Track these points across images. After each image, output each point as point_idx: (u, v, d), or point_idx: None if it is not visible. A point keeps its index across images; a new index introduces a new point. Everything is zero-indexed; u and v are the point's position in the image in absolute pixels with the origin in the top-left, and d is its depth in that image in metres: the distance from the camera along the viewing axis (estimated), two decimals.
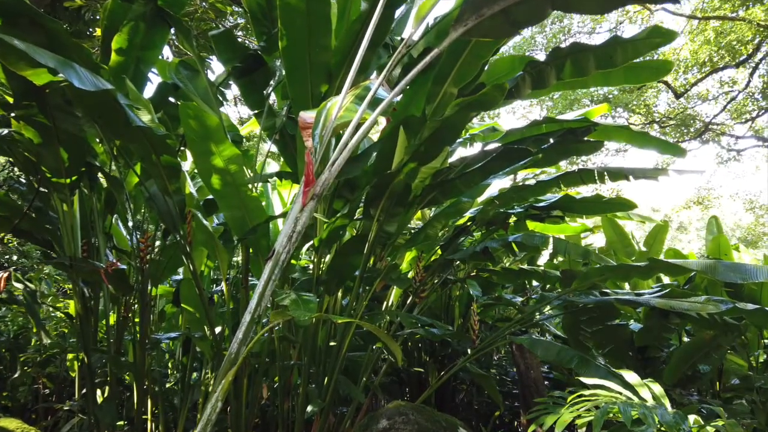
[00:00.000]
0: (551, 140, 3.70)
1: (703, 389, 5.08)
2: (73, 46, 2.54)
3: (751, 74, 15.39)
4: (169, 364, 5.73)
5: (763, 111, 17.49)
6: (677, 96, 16.14)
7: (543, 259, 6.62)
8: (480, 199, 4.82)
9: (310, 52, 3.29)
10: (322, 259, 3.77)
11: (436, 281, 4.95)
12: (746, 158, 20.86)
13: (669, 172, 4.15)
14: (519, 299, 5.90)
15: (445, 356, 5.90)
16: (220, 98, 4.05)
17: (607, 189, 17.25)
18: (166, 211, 3.22)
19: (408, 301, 4.61)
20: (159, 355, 5.05)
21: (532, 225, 5.44)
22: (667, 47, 17.45)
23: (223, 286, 3.61)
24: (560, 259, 6.52)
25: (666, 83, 16.08)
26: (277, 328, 3.94)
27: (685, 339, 4.92)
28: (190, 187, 3.18)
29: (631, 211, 4.61)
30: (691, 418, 2.48)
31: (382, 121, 3.93)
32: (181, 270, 4.94)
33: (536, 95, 4.24)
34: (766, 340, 5.24)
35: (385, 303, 4.75)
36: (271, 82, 3.88)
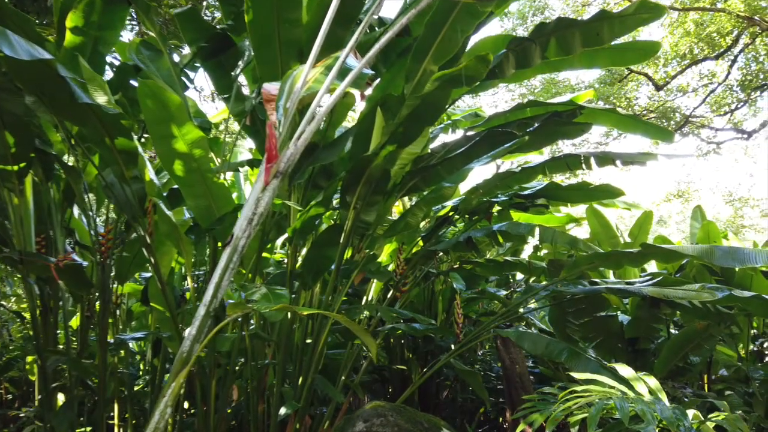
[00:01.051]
0: (536, 124, 3.52)
1: (692, 381, 4.96)
2: (11, 13, 2.28)
3: (730, 66, 15.43)
4: (141, 366, 5.47)
5: (741, 103, 17.59)
6: (658, 88, 16.14)
7: (527, 254, 6.47)
8: (463, 188, 4.64)
9: (280, 28, 3.06)
10: (298, 252, 3.55)
11: (418, 274, 4.75)
12: (725, 151, 21.00)
13: (658, 157, 4.00)
14: (503, 293, 5.74)
15: (429, 352, 5.71)
16: (186, 81, 3.80)
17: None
18: (125, 201, 2.97)
19: (389, 295, 4.40)
20: (127, 356, 4.79)
21: (516, 215, 5.27)
22: (649, 37, 17.43)
23: (189, 281, 3.37)
24: (545, 251, 6.37)
25: (647, 75, 16.07)
26: (252, 326, 3.72)
27: (673, 330, 4.79)
28: (151, 174, 2.93)
29: (617, 199, 4.46)
30: (690, 413, 2.31)
31: (361, 106, 3.72)
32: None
33: (520, 77, 4.05)
34: (755, 330, 5.13)
35: (365, 297, 4.54)
36: (240, 63, 3.64)
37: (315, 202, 3.26)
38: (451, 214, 4.54)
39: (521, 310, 5.37)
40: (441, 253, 5.07)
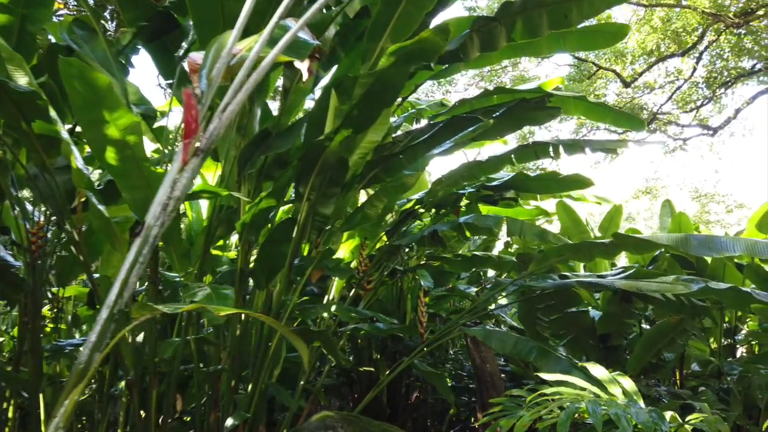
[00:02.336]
0: (502, 109, 3.32)
1: (666, 378, 4.84)
2: None
3: (696, 63, 15.59)
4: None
5: (706, 100, 17.82)
6: (626, 85, 16.25)
7: (499, 250, 6.30)
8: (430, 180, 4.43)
9: (223, 2, 2.79)
10: (251, 249, 3.28)
11: (385, 272, 4.52)
12: (691, 147, 21.30)
13: (628, 143, 3.85)
14: (474, 290, 5.56)
15: (397, 352, 5.50)
16: (124, 63, 3.50)
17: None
18: (48, 194, 2.67)
19: (351, 294, 4.17)
20: (72, 363, 4.46)
21: (485, 209, 5.08)
22: None
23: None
24: (516, 247, 6.21)
25: (615, 72, 16.15)
26: (207, 330, 3.44)
27: (645, 326, 4.67)
28: (79, 163, 2.64)
29: (588, 189, 4.30)
30: (668, 414, 2.13)
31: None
32: (96, 265, 4.35)
33: (486, 61, 3.86)
34: (726, 324, 5.04)
35: (326, 296, 4.30)
36: (184, 45, 3.36)
37: (265, 194, 3.00)
38: (416, 207, 4.33)
39: (492, 306, 5.20)
40: (407, 249, 4.87)
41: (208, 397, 3.09)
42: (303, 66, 2.63)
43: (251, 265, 3.32)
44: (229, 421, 2.76)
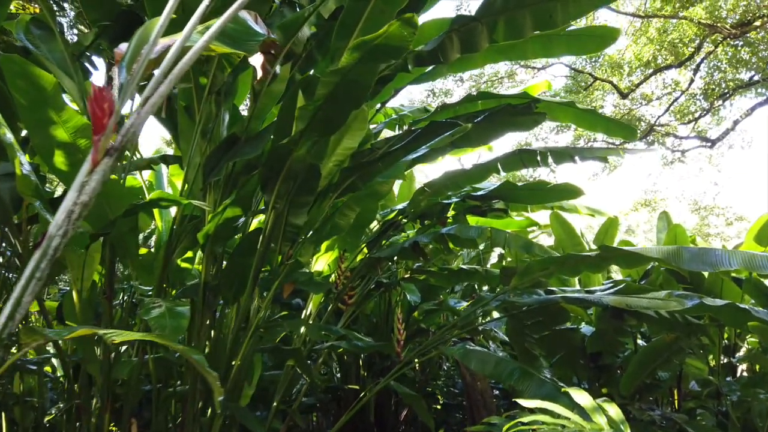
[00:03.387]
0: (484, 114, 3.13)
1: (663, 398, 4.62)
2: None
3: (694, 73, 15.46)
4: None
5: (705, 112, 17.69)
6: (623, 96, 16.11)
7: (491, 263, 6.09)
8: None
9: None
10: (215, 261, 3.08)
11: (369, 286, 4.32)
12: (690, 160, 21.11)
13: (621, 152, 3.65)
14: (464, 304, 5.35)
15: (385, 369, 5.28)
16: (88, 66, 3.33)
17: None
18: None
19: (329, 309, 3.96)
20: (41, 382, 4.23)
21: (473, 221, 4.89)
22: (612, 48, 17.45)
23: (75, 297, 2.87)
24: (509, 259, 6.00)
25: (611, 83, 16.02)
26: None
27: (641, 343, 4.45)
28: (24, 168, 2.44)
29: (579, 199, 4.10)
30: None
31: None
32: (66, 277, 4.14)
33: (468, 64, 3.69)
34: (725, 341, 4.82)
35: (304, 311, 4.08)
36: None
37: (229, 202, 2.80)
38: (400, 218, 4.13)
39: (481, 322, 4.97)
40: (392, 262, 4.66)
41: (168, 420, 2.87)
42: (256, 61, 2.45)
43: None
44: None
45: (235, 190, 3.16)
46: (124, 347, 3.01)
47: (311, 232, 2.88)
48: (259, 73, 2.43)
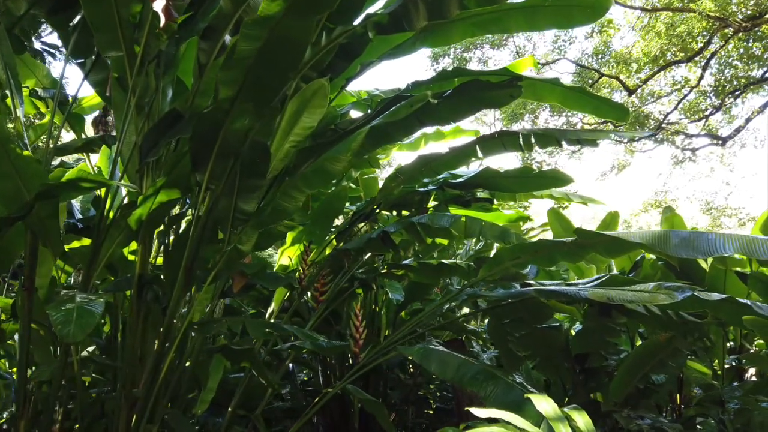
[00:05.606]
0: (451, 89, 2.81)
1: (661, 404, 4.25)
2: None
3: (704, 70, 15.00)
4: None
5: (715, 110, 17.19)
6: (630, 93, 15.66)
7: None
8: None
9: None
10: (151, 250, 2.78)
11: (346, 284, 3.99)
12: (701, 159, 20.58)
13: (610, 135, 3.32)
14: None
15: (370, 372, 4.97)
16: (23, 40, 3.05)
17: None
18: None
19: (292, 306, 3.65)
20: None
21: (457, 212, 4.57)
22: (618, 44, 17.01)
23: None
24: None
25: (618, 79, 15.59)
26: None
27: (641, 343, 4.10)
28: None
29: (567, 186, 3.76)
30: None
31: None
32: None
33: (443, 39, 3.35)
34: (731, 342, 4.45)
35: (269, 308, 3.78)
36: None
37: (161, 183, 2.50)
38: (373, 208, 3.82)
39: (458, 317, 4.63)
40: (368, 258, 4.34)
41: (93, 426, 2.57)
42: (158, 6, 2.15)
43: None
44: None
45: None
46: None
47: (251, 218, 2.56)
48: (162, 20, 2.12)
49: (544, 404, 1.74)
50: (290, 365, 4.90)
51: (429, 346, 2.42)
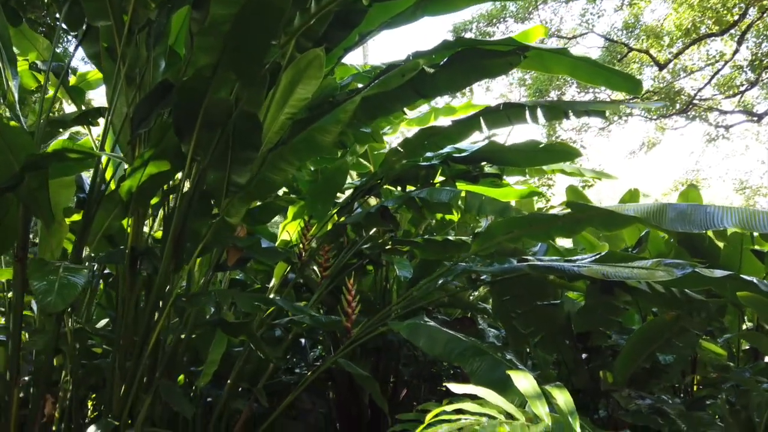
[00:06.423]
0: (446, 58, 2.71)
1: (676, 385, 4.14)
2: None
3: (739, 42, 14.36)
4: None
5: (751, 85, 16.51)
6: (660, 68, 15.12)
7: None
8: None
9: None
10: (145, 223, 2.77)
11: (353, 260, 3.94)
12: (735, 136, 19.87)
13: (620, 106, 3.18)
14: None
15: (379, 349, 4.96)
16: (18, 11, 3.04)
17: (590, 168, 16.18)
18: None
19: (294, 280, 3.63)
20: None
21: (464, 188, 4.47)
22: (649, 18, 16.38)
23: None
24: None
25: (649, 54, 15.05)
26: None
27: None
28: None
29: (577, 160, 3.63)
30: None
31: None
32: None
33: (446, 5, 3.23)
34: (749, 324, 4.29)
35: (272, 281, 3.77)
36: None
37: (149, 155, 2.47)
38: (376, 182, 3.75)
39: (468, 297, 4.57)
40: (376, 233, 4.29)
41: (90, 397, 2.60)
42: None
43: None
44: (90, 430, 2.25)
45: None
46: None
47: (240, 190, 2.53)
48: None
49: (523, 381, 1.68)
50: (302, 341, 4.92)
51: (419, 321, 2.36)
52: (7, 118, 2.31)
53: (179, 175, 2.74)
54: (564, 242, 5.48)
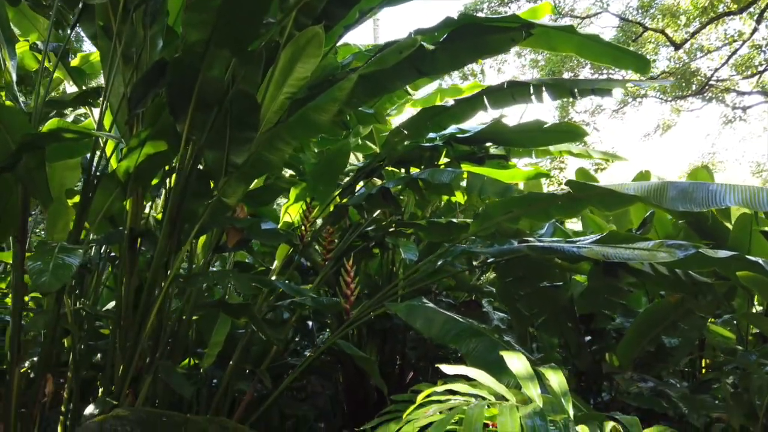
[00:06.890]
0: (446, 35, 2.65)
1: (685, 369, 4.10)
2: None
3: (758, 21, 13.98)
4: None
5: None
6: (676, 47, 14.79)
7: None
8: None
9: None
10: (143, 203, 2.76)
11: (358, 242, 3.92)
12: (753, 118, 19.45)
13: (626, 84, 3.10)
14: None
15: (387, 331, 4.97)
16: None
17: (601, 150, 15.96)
18: None
19: (295, 262, 3.61)
20: None
21: (469, 170, 4.41)
22: None
23: None
24: None
25: (665, 34, 14.73)
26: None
27: None
28: None
29: (590, 143, 3.56)
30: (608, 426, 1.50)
31: None
32: None
33: None
34: (759, 307, 4.22)
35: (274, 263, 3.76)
36: None
37: (145, 135, 2.46)
38: (378, 163, 3.71)
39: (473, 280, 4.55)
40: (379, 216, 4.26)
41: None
42: None
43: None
44: (89, 409, 2.27)
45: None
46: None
47: (237, 170, 2.50)
48: None
49: (516, 362, 1.65)
50: (309, 323, 4.93)
51: (416, 302, 2.34)
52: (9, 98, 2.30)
53: None
54: (574, 226, 5.43)
